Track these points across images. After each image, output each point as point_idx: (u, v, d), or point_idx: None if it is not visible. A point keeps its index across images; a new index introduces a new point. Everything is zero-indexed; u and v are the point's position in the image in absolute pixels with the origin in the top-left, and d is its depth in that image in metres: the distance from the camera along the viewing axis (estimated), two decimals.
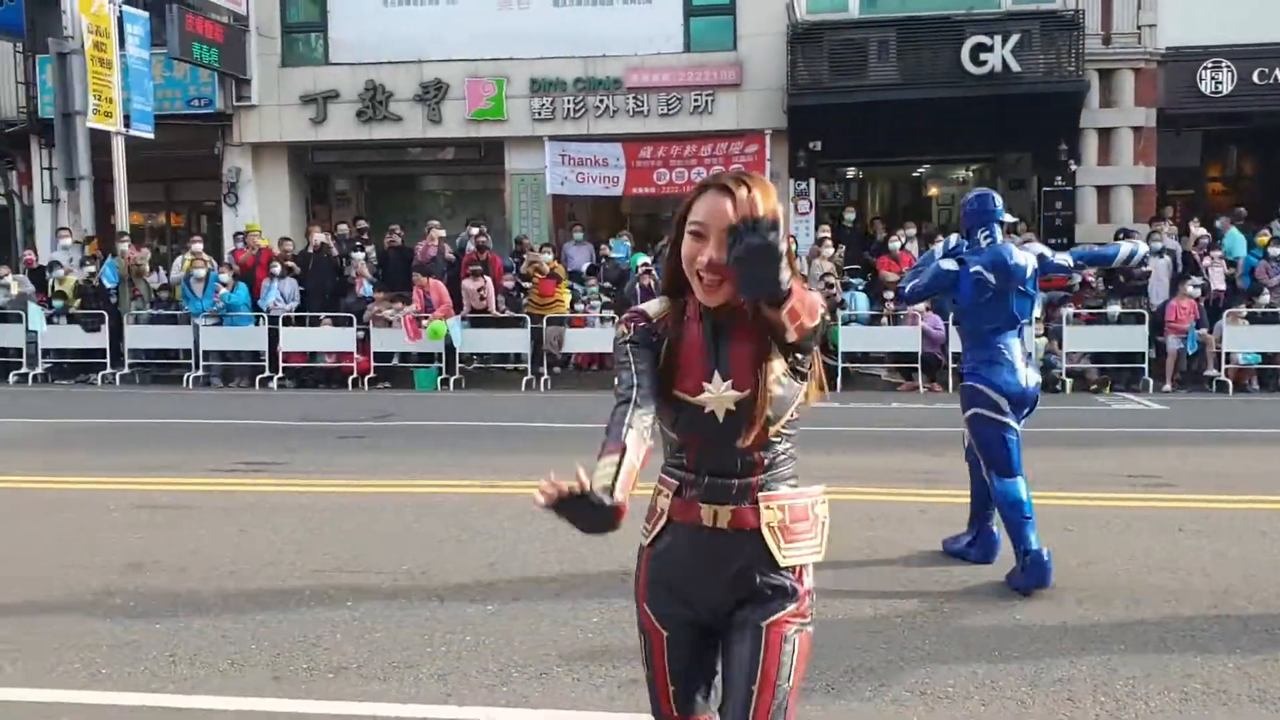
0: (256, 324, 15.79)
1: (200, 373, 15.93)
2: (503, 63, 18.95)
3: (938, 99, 16.93)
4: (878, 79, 17.41)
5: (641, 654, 2.46)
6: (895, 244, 16.10)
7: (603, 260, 17.18)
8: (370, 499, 7.68)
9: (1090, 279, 16.08)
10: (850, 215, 18.16)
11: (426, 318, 15.24)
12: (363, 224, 17.94)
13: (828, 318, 2.63)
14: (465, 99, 19.03)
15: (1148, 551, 6.09)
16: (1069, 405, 13.25)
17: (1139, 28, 17.94)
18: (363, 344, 15.54)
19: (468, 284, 15.75)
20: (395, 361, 15.74)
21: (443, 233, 16.75)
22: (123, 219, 17.72)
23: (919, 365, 14.70)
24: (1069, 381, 14.50)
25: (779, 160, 18.34)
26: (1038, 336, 14.63)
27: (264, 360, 15.78)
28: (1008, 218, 6.20)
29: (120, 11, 17.39)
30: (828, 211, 19.49)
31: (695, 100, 18.62)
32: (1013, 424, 5.66)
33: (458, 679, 4.27)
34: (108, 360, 16.12)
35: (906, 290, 6.25)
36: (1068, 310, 14.83)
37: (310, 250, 16.62)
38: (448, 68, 19.07)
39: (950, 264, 5.93)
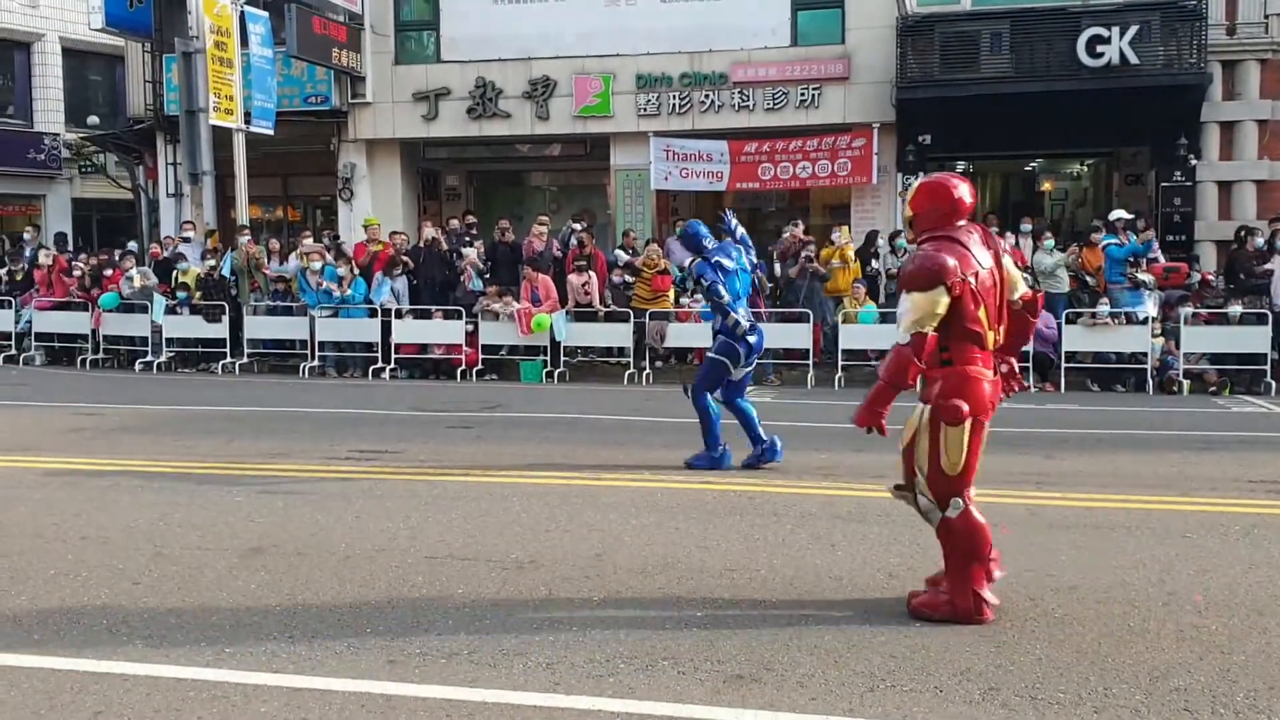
0: (370, 316, 16.16)
1: (315, 363, 16.39)
2: (609, 59, 19.08)
3: (1052, 92, 16.57)
4: (990, 72, 17.12)
5: None
6: (1008, 240, 15.78)
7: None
8: (479, 488, 7.83)
9: (1210, 277, 15.57)
10: None
11: (534, 312, 15.48)
12: (472, 219, 18.25)
13: None
14: (573, 95, 19.21)
15: (1269, 559, 5.90)
16: (1187, 407, 12.86)
17: (1266, 17, 17.31)
18: (471, 337, 15.82)
19: (573, 279, 15.93)
20: (503, 354, 15.99)
21: (543, 229, 16.95)
22: (242, 213, 18.32)
23: (1030, 364, 14.39)
24: (1187, 383, 14.06)
25: (887, 154, 18.15)
26: (1154, 336, 14.22)
27: (377, 351, 16.16)
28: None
29: (242, 11, 17.96)
30: None
31: (802, 94, 18.49)
32: (731, 366, 8.46)
33: (565, 668, 4.34)
34: (228, 350, 16.68)
35: (724, 297, 8.42)
36: (1186, 310, 14.38)
37: (421, 245, 16.97)
38: (556, 65, 19.27)
39: (729, 263, 8.62)
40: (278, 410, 12.55)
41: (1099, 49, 16.43)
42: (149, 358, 16.95)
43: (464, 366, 15.78)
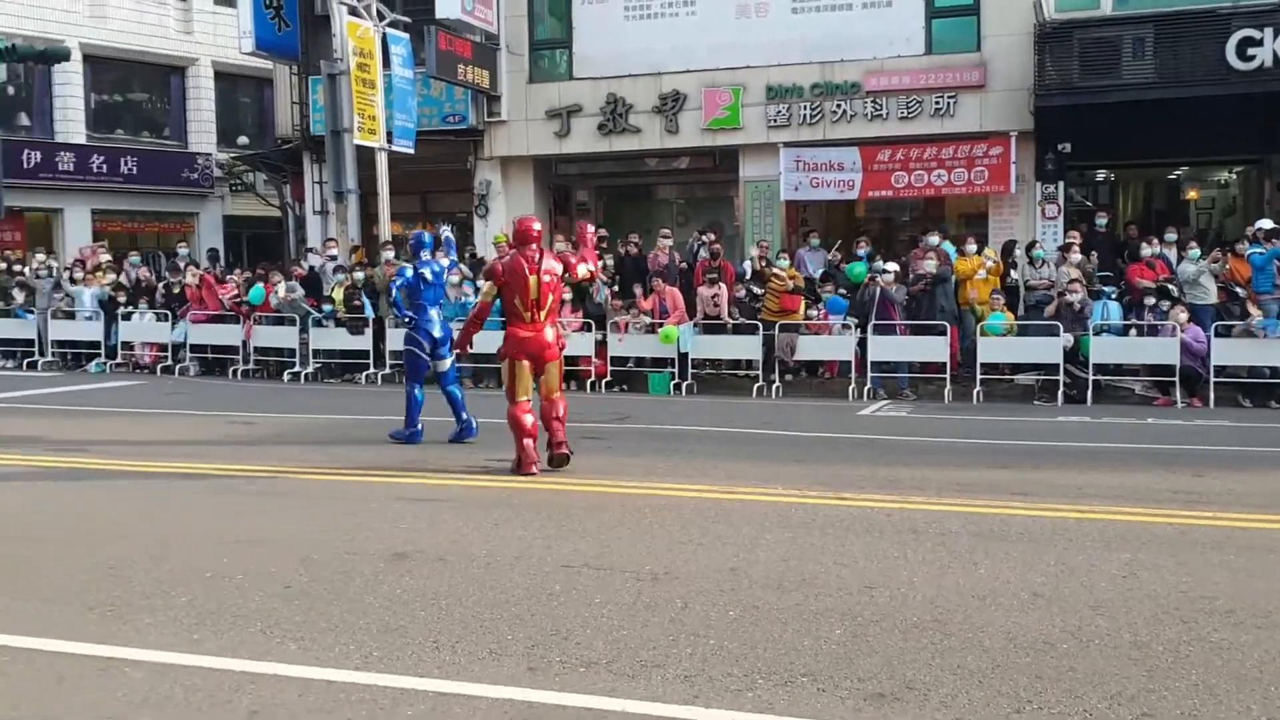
0: (503, 327, 16.41)
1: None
2: (739, 71, 19.09)
3: (1198, 98, 15.94)
4: (1132, 78, 16.57)
5: None
6: (1148, 250, 15.23)
7: (838, 267, 17.04)
8: (612, 499, 7.91)
9: None
10: (1103, 220, 17.30)
11: (661, 323, 15.58)
12: (603, 232, 18.43)
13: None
14: (702, 109, 19.27)
15: None
16: None
17: None
18: (600, 348, 15.99)
19: (703, 291, 15.96)
20: (630, 366, 16.12)
21: (669, 241, 17.04)
22: (385, 229, 18.89)
23: (1177, 379, 13.85)
24: None
25: (1025, 163, 17.72)
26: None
27: None
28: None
29: (384, 34, 18.53)
30: (1077, 215, 18.67)
31: (936, 102, 18.21)
32: (424, 356, 10.56)
33: (704, 681, 4.35)
34: (370, 360, 17.20)
35: (400, 303, 10.68)
36: None
37: None
38: (685, 79, 19.37)
39: (430, 276, 10.66)
40: None
41: (1250, 51, 15.74)
42: (296, 368, 17.58)
43: (593, 378, 15.94)
